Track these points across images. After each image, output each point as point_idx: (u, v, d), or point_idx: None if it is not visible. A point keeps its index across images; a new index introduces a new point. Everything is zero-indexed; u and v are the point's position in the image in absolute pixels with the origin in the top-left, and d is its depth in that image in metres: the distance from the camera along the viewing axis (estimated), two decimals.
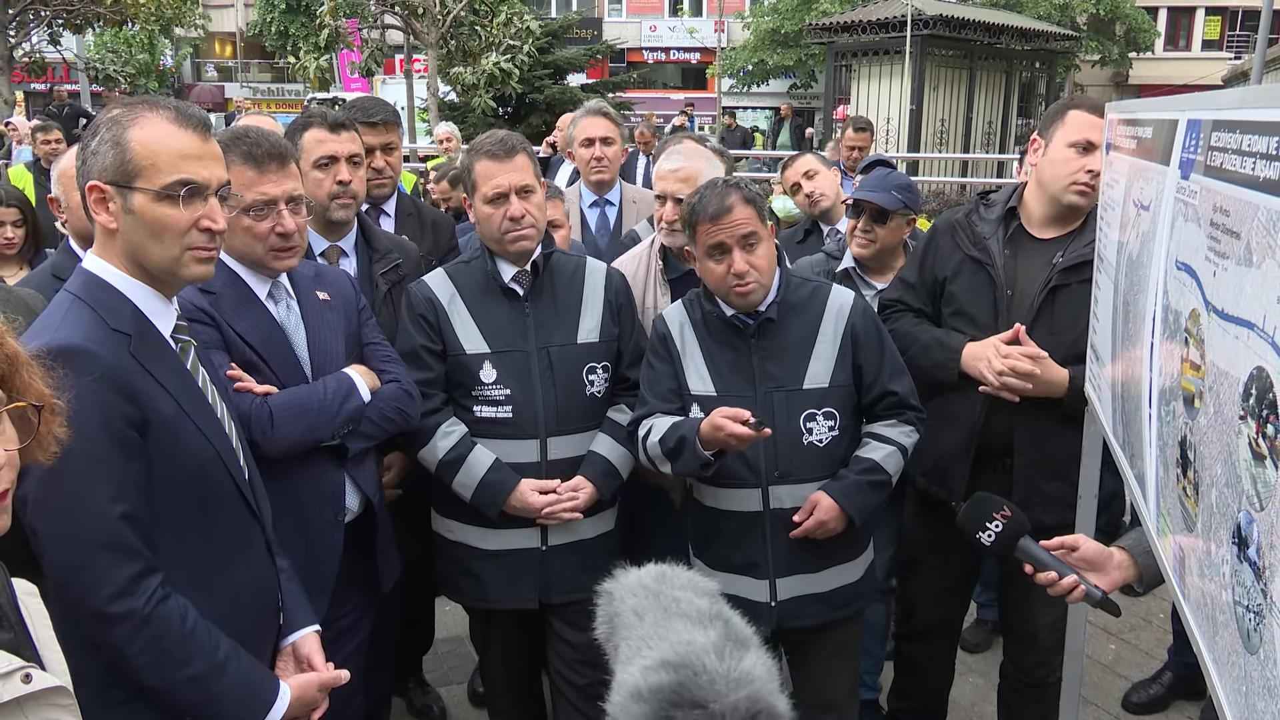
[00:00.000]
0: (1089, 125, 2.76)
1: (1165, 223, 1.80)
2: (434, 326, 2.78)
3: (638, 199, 4.38)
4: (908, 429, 2.74)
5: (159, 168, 1.76)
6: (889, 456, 2.68)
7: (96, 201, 1.78)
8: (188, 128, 1.81)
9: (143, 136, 1.76)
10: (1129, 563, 2.13)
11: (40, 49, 19.40)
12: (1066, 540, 2.16)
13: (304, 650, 2.09)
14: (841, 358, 2.67)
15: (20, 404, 1.32)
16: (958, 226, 2.99)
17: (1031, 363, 2.74)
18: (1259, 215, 1.23)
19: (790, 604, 2.70)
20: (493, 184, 2.72)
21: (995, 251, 2.90)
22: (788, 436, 2.63)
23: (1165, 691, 3.81)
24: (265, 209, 2.35)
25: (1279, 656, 1.12)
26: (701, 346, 2.70)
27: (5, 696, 1.23)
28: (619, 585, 1.31)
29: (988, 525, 2.20)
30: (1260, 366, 1.20)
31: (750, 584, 2.69)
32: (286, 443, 2.31)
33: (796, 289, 2.72)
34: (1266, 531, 1.17)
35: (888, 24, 14.26)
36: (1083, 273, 2.79)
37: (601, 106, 4.48)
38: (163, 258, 1.81)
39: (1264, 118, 1.27)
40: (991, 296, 2.88)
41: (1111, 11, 27.25)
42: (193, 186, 1.79)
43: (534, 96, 18.06)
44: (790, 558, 2.67)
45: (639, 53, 34.86)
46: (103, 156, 1.76)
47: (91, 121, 1.83)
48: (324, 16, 15.69)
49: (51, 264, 2.99)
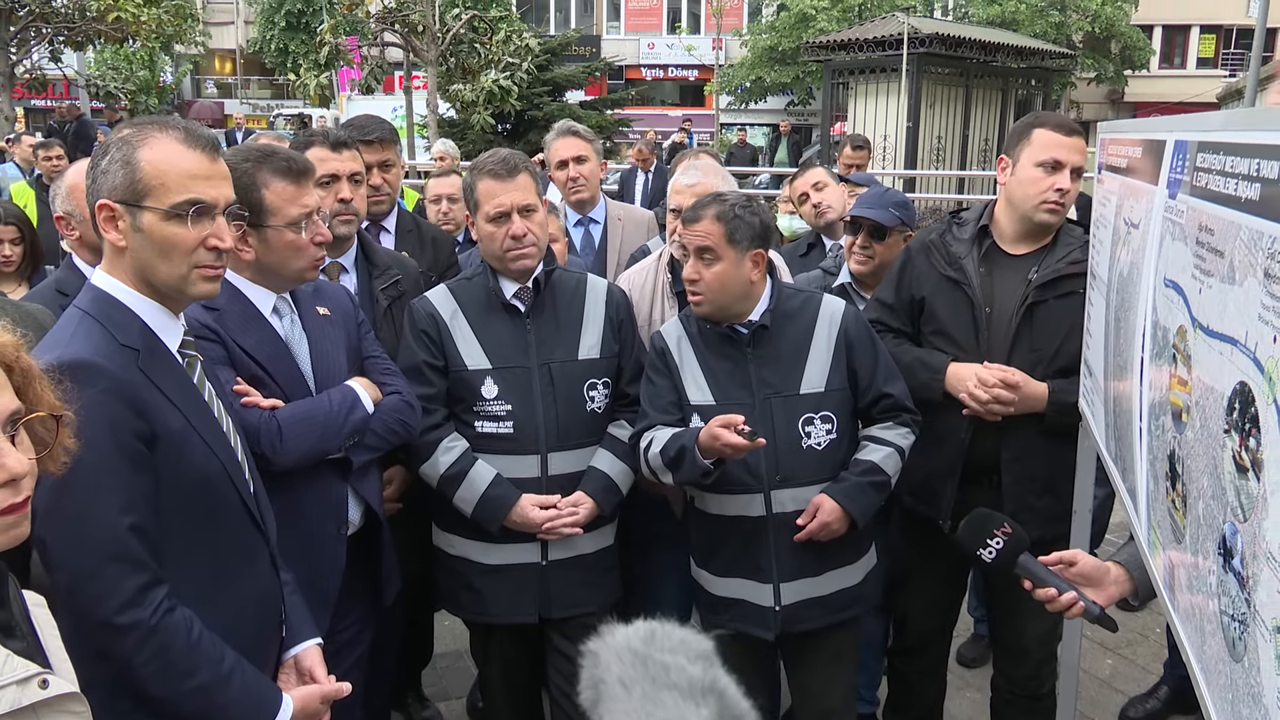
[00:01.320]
0: (1055, 144, 2.80)
1: (1154, 241, 1.84)
2: (436, 342, 2.81)
3: (623, 216, 4.33)
4: (904, 430, 2.80)
5: (168, 187, 1.80)
6: (887, 458, 2.73)
7: (106, 220, 1.81)
8: (196, 148, 1.84)
9: (152, 157, 1.80)
10: (1125, 577, 2.15)
11: (41, 66, 19.47)
12: (1064, 555, 2.18)
13: (306, 663, 2.10)
14: (836, 362, 2.73)
15: (40, 414, 1.36)
16: (932, 247, 3.03)
17: (1012, 390, 2.78)
18: (1241, 234, 1.27)
19: (794, 608, 2.73)
20: (495, 203, 2.75)
21: (971, 270, 2.93)
22: (787, 441, 2.68)
23: (1162, 706, 3.82)
24: (307, 221, 2.39)
25: (1262, 664, 1.15)
26: (699, 358, 2.76)
27: (24, 701, 1.26)
28: (605, 647, 1.20)
29: (989, 542, 2.21)
30: (1243, 381, 1.23)
31: (755, 588, 2.74)
32: (296, 455, 2.33)
33: (789, 299, 2.79)
34: (1249, 542, 1.20)
35: (884, 42, 14.35)
36: (1059, 288, 2.84)
37: (570, 126, 4.37)
38: (170, 275, 1.84)
39: (1246, 140, 1.31)
40: (970, 315, 2.92)
41: (1107, 30, 27.41)
42: (200, 206, 1.82)
43: (533, 113, 18.12)
44: (794, 562, 2.71)
45: (637, 70, 35.03)
46: (113, 176, 1.80)
47: (106, 142, 1.86)
48: (324, 34, 15.75)
49: (55, 280, 3.02)
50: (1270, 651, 1.12)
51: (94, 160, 1.85)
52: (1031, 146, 2.82)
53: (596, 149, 4.36)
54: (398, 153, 3.67)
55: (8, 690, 1.25)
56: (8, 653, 1.29)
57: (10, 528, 1.34)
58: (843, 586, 2.79)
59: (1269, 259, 1.16)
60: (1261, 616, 1.15)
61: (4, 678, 1.25)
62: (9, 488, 1.31)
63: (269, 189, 2.35)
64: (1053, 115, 2.98)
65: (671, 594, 3.39)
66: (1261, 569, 1.15)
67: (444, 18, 15.80)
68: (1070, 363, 2.83)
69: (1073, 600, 2.11)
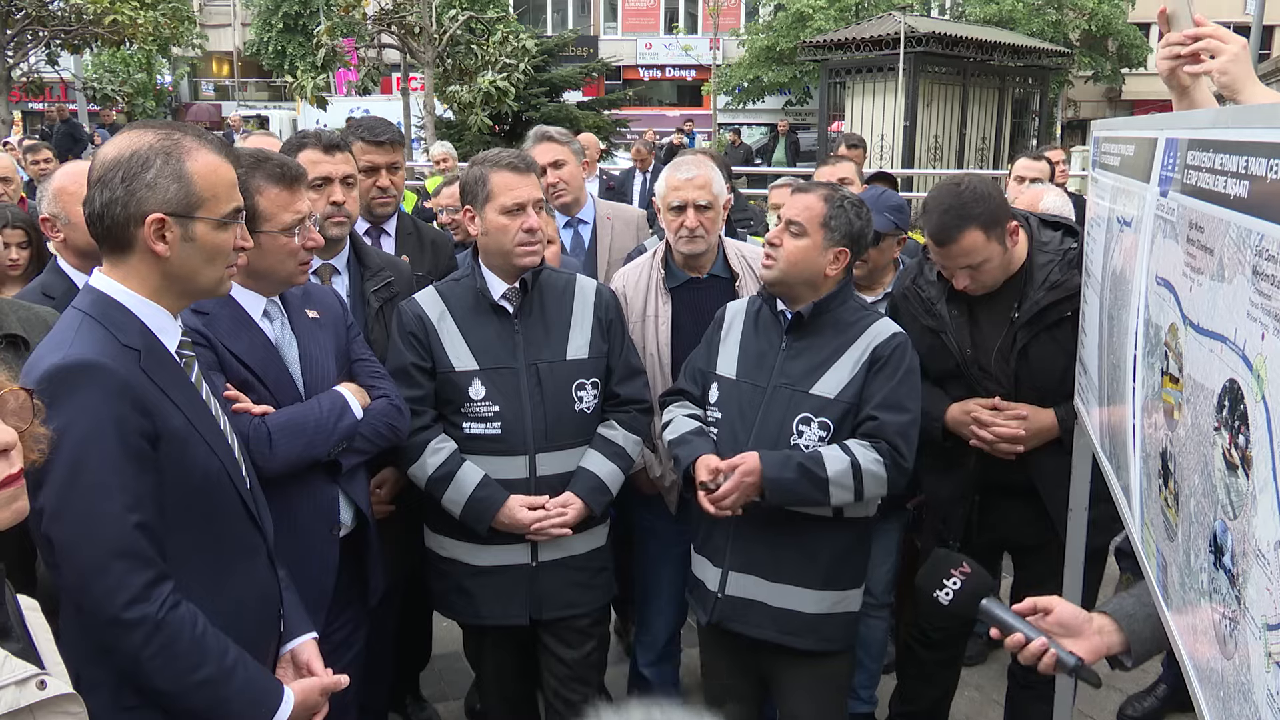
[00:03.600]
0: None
1: (1146, 239, 1.84)
2: (423, 344, 2.81)
3: (612, 215, 4.27)
4: (875, 456, 2.61)
5: (219, 198, 1.87)
6: (838, 462, 2.58)
7: (154, 232, 1.81)
8: (228, 158, 1.91)
9: (201, 170, 1.84)
10: (1112, 629, 1.91)
11: (38, 69, 19.46)
12: (1039, 602, 1.97)
13: (303, 656, 2.14)
14: (857, 378, 2.68)
15: (13, 387, 1.38)
16: (908, 296, 3.07)
17: (1017, 424, 2.79)
18: (1230, 232, 1.27)
19: (736, 601, 2.74)
20: (513, 195, 2.74)
21: (944, 315, 2.94)
22: (778, 434, 2.68)
23: (1160, 704, 3.83)
24: (298, 226, 2.41)
25: (1252, 661, 1.14)
26: (743, 334, 2.83)
27: (23, 702, 1.27)
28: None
29: (944, 583, 2.10)
30: (1232, 379, 1.23)
31: (707, 568, 2.82)
32: (285, 461, 2.34)
33: (849, 310, 2.76)
34: (1239, 539, 1.20)
35: (881, 41, 14.36)
36: (1046, 319, 2.83)
37: (545, 132, 4.26)
38: (211, 279, 1.91)
39: (1235, 138, 1.31)
40: (953, 361, 2.94)
41: (1104, 28, 27.39)
42: (241, 212, 1.91)
43: (530, 114, 18.10)
44: (747, 552, 2.72)
45: (635, 70, 35.01)
46: (163, 189, 1.80)
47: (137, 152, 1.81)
48: (321, 36, 15.75)
49: (40, 283, 3.01)
50: (1260, 649, 1.12)
51: (129, 172, 1.80)
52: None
53: (575, 150, 4.24)
54: (404, 155, 3.65)
55: (6, 691, 1.26)
56: (6, 653, 1.30)
57: (11, 500, 1.36)
58: (794, 608, 2.70)
59: (1257, 256, 1.15)
60: (1251, 614, 1.15)
61: (3, 678, 1.26)
62: (2, 459, 1.35)
63: (262, 195, 2.36)
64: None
65: (665, 590, 3.40)
66: (1251, 566, 1.15)
67: (441, 19, 15.81)
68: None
69: (1042, 648, 1.90)
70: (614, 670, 3.34)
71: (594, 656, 3.00)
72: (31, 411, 1.42)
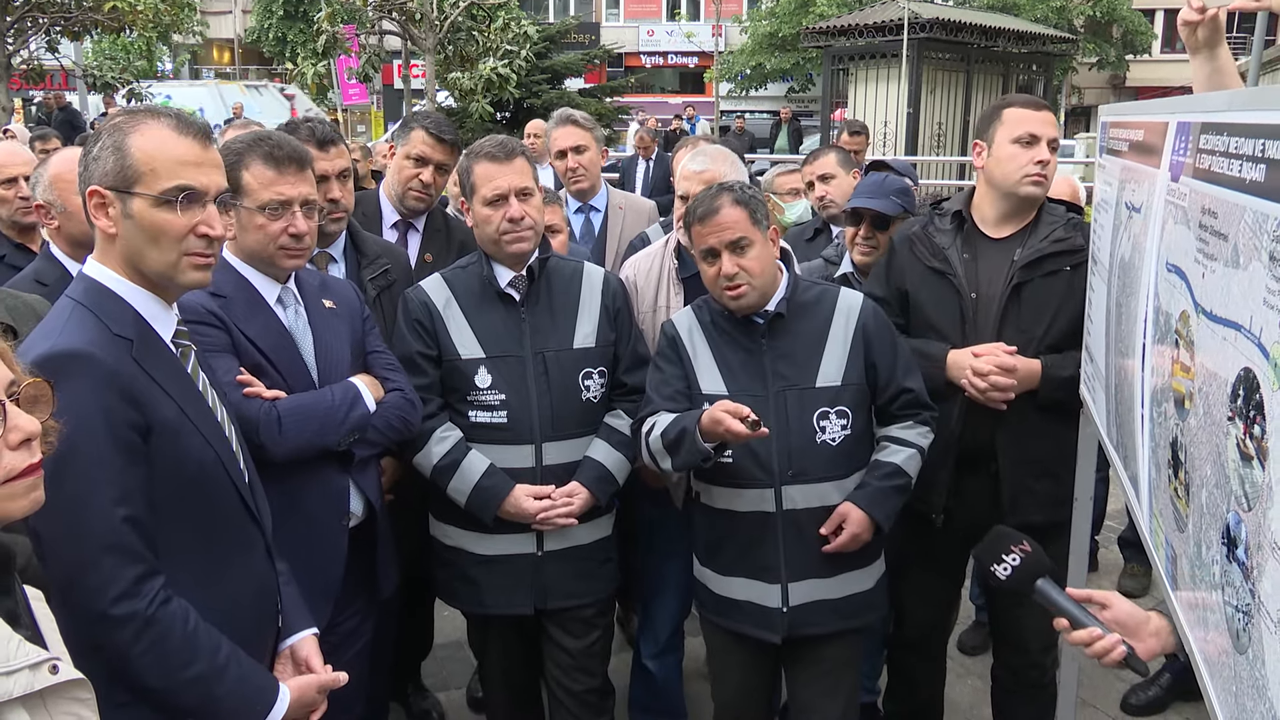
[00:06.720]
0: (1028, 119, 2.85)
1: (1156, 225, 1.81)
2: (429, 331, 2.79)
3: (625, 204, 4.29)
4: (924, 429, 2.74)
5: (158, 173, 1.79)
6: (909, 459, 2.68)
7: (96, 206, 1.80)
8: (188, 135, 1.84)
9: (143, 143, 1.79)
10: (1168, 630, 1.84)
11: (38, 56, 19.38)
12: (1096, 595, 1.93)
13: (302, 653, 2.10)
14: (854, 357, 2.67)
15: (34, 380, 1.36)
16: (915, 240, 3.03)
17: (1009, 374, 2.77)
18: (1245, 217, 1.24)
19: (802, 610, 2.66)
20: (492, 185, 2.73)
21: (955, 259, 2.94)
22: (801, 435, 2.62)
23: (1164, 694, 3.81)
24: (280, 209, 2.39)
25: (1266, 656, 1.12)
26: (712, 347, 2.71)
27: (36, 686, 1.25)
28: None
29: (1004, 558, 2.06)
30: (1247, 368, 1.21)
31: (762, 589, 2.67)
32: (293, 446, 2.32)
33: (805, 290, 2.74)
34: (1254, 532, 1.17)
35: (884, 27, 14.28)
36: (1043, 267, 2.84)
37: (570, 115, 4.32)
38: (160, 263, 1.83)
39: (1251, 120, 1.28)
40: (957, 305, 2.92)
41: (1108, 14, 27.29)
42: (190, 193, 1.81)
43: (531, 101, 18.03)
44: (804, 561, 2.64)
45: (637, 57, 34.92)
46: (104, 162, 1.79)
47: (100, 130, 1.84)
48: (321, 23, 15.66)
49: (34, 270, 2.98)
50: (1276, 643, 1.09)
51: (86, 147, 1.84)
52: (1005, 125, 2.86)
53: (597, 137, 4.33)
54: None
55: (21, 674, 1.25)
56: (20, 638, 1.28)
57: (31, 489, 1.34)
58: (855, 591, 2.72)
59: (1275, 242, 1.13)
60: (1267, 608, 1.12)
61: (18, 661, 1.25)
62: (25, 448, 1.32)
63: (249, 170, 2.38)
64: (1019, 95, 3.02)
65: (671, 585, 3.38)
66: (1267, 559, 1.12)
67: (442, 5, 15.70)
68: (1060, 340, 2.83)
69: (1114, 644, 1.82)
70: (615, 659, 3.33)
71: (598, 646, 2.99)
72: (51, 403, 1.40)
